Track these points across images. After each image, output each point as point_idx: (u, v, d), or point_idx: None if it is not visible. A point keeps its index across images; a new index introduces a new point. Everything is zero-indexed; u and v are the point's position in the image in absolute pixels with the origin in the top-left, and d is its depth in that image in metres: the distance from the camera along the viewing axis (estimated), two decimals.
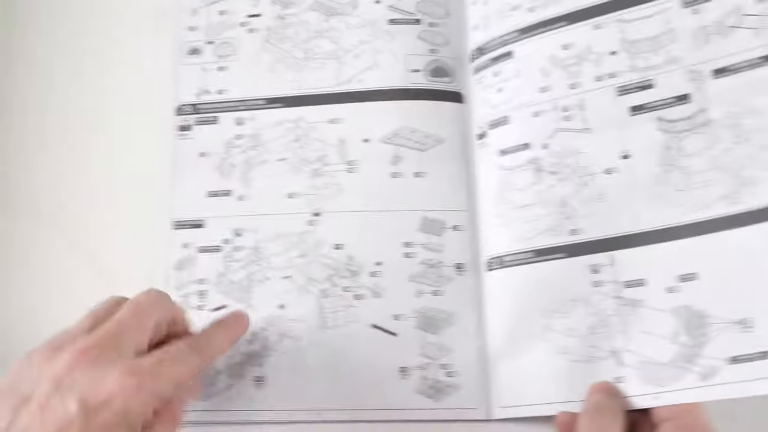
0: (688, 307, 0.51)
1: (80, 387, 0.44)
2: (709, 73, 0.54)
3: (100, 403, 0.44)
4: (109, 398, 0.44)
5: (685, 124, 0.54)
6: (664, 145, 0.54)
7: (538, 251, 0.55)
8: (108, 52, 0.67)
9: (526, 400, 0.53)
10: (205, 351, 0.51)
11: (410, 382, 0.55)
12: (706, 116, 0.54)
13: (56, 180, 0.64)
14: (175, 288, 0.58)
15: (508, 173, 0.57)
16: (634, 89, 0.56)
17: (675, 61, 0.55)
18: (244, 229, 0.59)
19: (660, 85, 0.55)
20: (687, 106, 0.54)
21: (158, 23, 0.66)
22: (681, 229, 0.52)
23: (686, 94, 0.55)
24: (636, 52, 0.57)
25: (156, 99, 0.63)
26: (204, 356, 0.51)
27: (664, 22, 0.56)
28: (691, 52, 0.55)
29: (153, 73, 0.65)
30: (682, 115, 0.54)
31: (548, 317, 0.54)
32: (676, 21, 0.56)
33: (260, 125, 0.61)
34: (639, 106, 0.56)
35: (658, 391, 0.50)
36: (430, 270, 0.57)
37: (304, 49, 0.63)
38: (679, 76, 0.55)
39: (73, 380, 0.44)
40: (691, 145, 0.54)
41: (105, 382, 0.44)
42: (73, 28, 0.68)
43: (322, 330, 0.56)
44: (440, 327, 0.56)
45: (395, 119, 0.60)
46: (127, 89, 0.66)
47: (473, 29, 0.62)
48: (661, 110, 0.55)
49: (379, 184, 0.59)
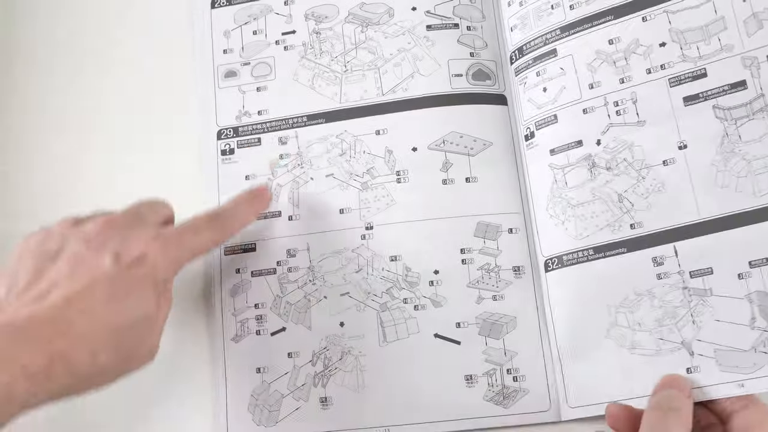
0: (762, 293, 0.51)
1: (112, 245, 0.47)
2: (765, 58, 0.54)
3: (133, 259, 0.47)
4: (141, 255, 0.47)
5: (742, 111, 0.54)
6: (722, 132, 0.54)
7: (596, 248, 0.55)
8: (108, 52, 0.67)
9: (597, 399, 0.53)
10: (225, 225, 0.54)
11: (478, 389, 0.54)
12: (765, 101, 0.54)
13: (56, 180, 0.64)
14: (232, 314, 0.58)
15: (560, 172, 0.57)
16: (686, 79, 0.56)
17: (727, 48, 0.55)
18: (297, 249, 0.58)
19: (713, 74, 0.55)
20: (743, 93, 0.54)
21: (164, 29, 0.66)
22: (746, 215, 0.52)
23: (742, 80, 0.54)
24: (686, 42, 0.56)
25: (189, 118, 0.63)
26: (224, 230, 0.54)
27: (712, 11, 0.56)
28: (743, 39, 0.55)
29: (153, 73, 0.65)
30: (738, 102, 0.54)
31: (613, 313, 0.53)
32: (725, 9, 0.56)
33: (304, 143, 0.61)
34: (693, 95, 0.55)
35: (741, 379, 0.50)
36: (489, 275, 0.56)
37: (343, 63, 0.62)
38: (733, 63, 0.55)
39: (103, 239, 0.47)
40: (750, 131, 0.54)
41: (135, 242, 0.47)
42: (73, 28, 0.68)
43: (384, 344, 0.56)
44: (503, 332, 0.55)
45: (442, 125, 0.60)
46: (127, 89, 0.65)
47: (511, 30, 0.62)
48: (716, 98, 0.55)
49: (430, 192, 0.58)
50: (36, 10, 0.69)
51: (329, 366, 0.56)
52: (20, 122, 0.65)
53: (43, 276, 0.45)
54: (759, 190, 0.52)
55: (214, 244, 0.53)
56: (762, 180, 0.52)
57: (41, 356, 0.41)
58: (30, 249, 0.47)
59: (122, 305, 0.45)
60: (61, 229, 0.48)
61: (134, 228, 0.49)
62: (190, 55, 0.65)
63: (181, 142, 0.58)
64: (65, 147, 0.64)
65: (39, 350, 0.41)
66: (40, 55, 0.67)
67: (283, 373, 0.56)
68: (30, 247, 0.47)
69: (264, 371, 0.56)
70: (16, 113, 0.66)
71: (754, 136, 0.53)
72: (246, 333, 0.57)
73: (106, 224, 0.48)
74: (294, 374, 0.56)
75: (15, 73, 0.67)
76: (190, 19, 0.66)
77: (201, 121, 0.63)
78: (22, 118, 0.66)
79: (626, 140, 0.56)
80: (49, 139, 0.65)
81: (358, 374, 0.55)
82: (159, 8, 0.67)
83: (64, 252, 0.46)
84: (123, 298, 0.45)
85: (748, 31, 0.55)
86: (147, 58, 0.66)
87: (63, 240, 0.47)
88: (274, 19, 0.65)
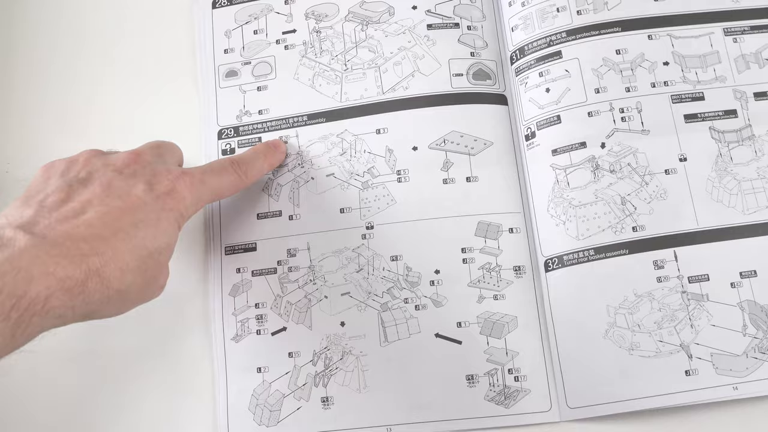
0: (752, 302, 0.53)
1: (143, 176, 0.49)
2: (751, 95, 0.58)
3: (164, 190, 0.49)
4: (171, 189, 0.49)
5: (733, 136, 0.57)
6: (717, 152, 0.57)
7: (597, 249, 0.55)
8: (109, 51, 0.67)
9: (597, 399, 0.53)
10: (246, 171, 0.56)
11: (479, 389, 0.54)
12: (751, 131, 0.57)
13: None
14: (232, 314, 0.58)
15: (562, 172, 0.57)
16: (686, 99, 0.58)
17: (721, 79, 0.59)
18: (298, 248, 0.58)
19: (710, 99, 0.58)
20: (734, 120, 0.58)
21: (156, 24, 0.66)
22: (737, 229, 0.55)
23: (733, 109, 0.58)
24: (687, 66, 0.59)
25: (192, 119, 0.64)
26: (244, 176, 0.56)
27: (708, 44, 0.59)
28: (734, 74, 0.59)
29: (154, 73, 0.65)
30: (730, 127, 0.58)
31: (612, 314, 0.54)
32: (719, 45, 0.59)
33: (305, 142, 0.61)
34: (692, 114, 0.58)
35: (735, 382, 0.52)
36: (489, 274, 0.56)
37: (343, 61, 0.62)
38: (726, 93, 0.58)
39: (134, 170, 0.49)
40: (740, 154, 0.57)
41: (165, 176, 0.50)
42: (73, 27, 0.67)
43: (386, 344, 0.56)
44: (504, 331, 0.55)
45: (442, 125, 0.60)
46: (128, 89, 0.65)
47: (512, 30, 0.62)
48: (711, 121, 0.58)
49: (431, 191, 0.58)
50: (37, 9, 0.68)
51: (330, 366, 0.56)
52: (20, 122, 0.65)
53: (74, 197, 0.46)
54: (747, 208, 0.56)
55: (234, 188, 0.55)
56: (749, 200, 0.56)
57: (78, 270, 0.42)
58: (57, 173, 0.48)
59: (152, 231, 0.46)
60: (86, 158, 0.50)
61: (160, 165, 0.51)
62: (191, 55, 0.65)
63: (182, 141, 0.57)
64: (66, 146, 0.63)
65: (76, 265, 0.42)
66: (40, 54, 0.67)
67: (284, 373, 0.56)
68: (57, 171, 0.49)
69: (265, 371, 0.56)
70: (16, 113, 0.66)
71: (743, 160, 0.57)
72: (246, 333, 0.57)
73: (135, 156, 0.50)
74: (295, 374, 0.56)
75: (15, 72, 0.67)
76: (191, 19, 0.66)
77: (202, 120, 0.63)
78: (22, 118, 0.65)
79: (631, 146, 0.57)
80: (49, 139, 0.65)
81: (360, 374, 0.55)
82: (160, 8, 0.67)
83: (96, 177, 0.48)
84: (153, 224, 0.47)
85: (738, 68, 0.59)
86: (148, 58, 0.66)
87: (91, 167, 0.49)
88: (275, 18, 0.64)
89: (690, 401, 0.52)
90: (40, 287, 0.40)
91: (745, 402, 0.52)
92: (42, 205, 0.45)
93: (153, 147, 0.53)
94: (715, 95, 0.58)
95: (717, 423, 0.53)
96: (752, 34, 0.59)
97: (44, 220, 0.44)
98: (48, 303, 0.40)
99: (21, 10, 0.69)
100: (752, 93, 0.58)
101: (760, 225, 0.55)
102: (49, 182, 0.48)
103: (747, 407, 0.52)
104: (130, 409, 0.57)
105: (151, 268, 0.47)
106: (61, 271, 0.41)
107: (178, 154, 0.55)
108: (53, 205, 0.45)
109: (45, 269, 0.40)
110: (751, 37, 0.59)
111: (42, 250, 0.41)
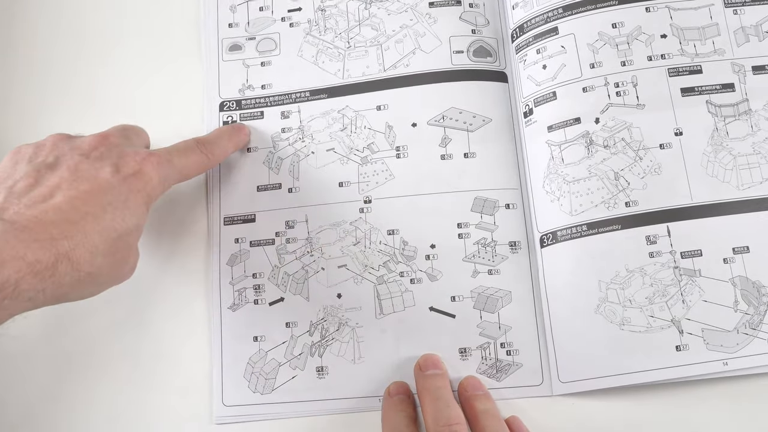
0: (743, 278, 0.53)
1: (110, 158, 0.49)
2: (750, 69, 0.58)
3: (130, 172, 0.49)
4: (137, 170, 0.49)
5: (730, 110, 0.57)
6: (713, 126, 0.57)
7: (590, 224, 0.55)
8: (115, 24, 0.67)
9: (588, 374, 0.53)
10: (212, 150, 0.57)
11: (471, 362, 0.55)
12: (748, 106, 0.57)
13: None
14: (230, 283, 0.58)
15: (557, 148, 0.57)
16: (684, 72, 0.58)
17: (720, 52, 0.58)
18: (296, 220, 0.59)
19: (708, 72, 0.58)
20: (732, 94, 0.57)
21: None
22: (731, 204, 0.55)
23: (731, 83, 0.57)
24: (685, 39, 0.59)
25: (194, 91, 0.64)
26: (211, 155, 0.57)
27: (708, 16, 0.59)
28: (733, 47, 0.58)
29: (158, 44, 0.66)
30: (727, 101, 0.57)
31: (604, 289, 0.54)
32: (719, 17, 0.59)
33: (306, 117, 0.62)
34: (689, 88, 0.58)
35: (725, 357, 0.52)
36: (485, 249, 0.57)
37: (346, 39, 0.63)
38: (724, 66, 0.58)
39: (101, 153, 0.50)
40: (736, 129, 0.57)
41: (131, 158, 0.50)
42: (73, 27, 0.68)
43: (381, 316, 0.57)
44: (498, 306, 0.56)
45: (442, 101, 0.60)
46: (131, 58, 0.66)
47: (513, 8, 0.62)
48: (709, 94, 0.57)
49: (429, 167, 0.59)
50: (36, 10, 0.68)
51: (326, 336, 0.57)
52: (20, 122, 0.65)
53: (42, 182, 0.47)
54: (742, 183, 0.55)
55: (201, 167, 0.56)
56: (744, 175, 0.55)
57: (48, 254, 0.42)
58: (24, 158, 0.49)
59: (120, 213, 0.47)
60: (53, 142, 0.50)
61: (127, 147, 0.51)
62: (195, 28, 0.65)
63: (183, 112, 0.58)
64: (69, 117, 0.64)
65: (45, 249, 0.42)
66: (40, 54, 0.67)
67: (280, 342, 0.57)
68: (24, 156, 0.49)
69: (261, 340, 0.57)
70: (16, 113, 0.66)
71: (739, 135, 0.56)
72: (243, 302, 0.58)
73: (101, 139, 0.51)
74: (291, 344, 0.57)
75: (15, 72, 0.67)
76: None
77: (204, 92, 0.64)
78: (22, 118, 0.65)
79: (625, 120, 0.57)
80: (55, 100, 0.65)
81: (355, 345, 0.56)
82: None
83: (63, 162, 0.48)
84: (122, 206, 0.47)
85: (737, 41, 0.58)
86: (153, 30, 0.66)
87: (58, 152, 0.49)
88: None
89: (680, 376, 0.52)
90: (10, 271, 0.40)
91: (735, 379, 0.52)
92: (11, 191, 0.46)
93: (119, 130, 0.53)
94: (713, 68, 0.58)
95: (707, 398, 0.53)
96: (753, 5, 0.59)
97: (13, 206, 0.44)
98: (18, 286, 0.41)
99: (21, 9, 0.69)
100: (750, 66, 0.58)
101: (755, 201, 0.55)
102: (17, 168, 0.48)
103: (736, 384, 0.53)
104: (126, 375, 0.58)
105: (121, 249, 0.47)
106: (31, 255, 0.41)
107: (144, 137, 0.56)
108: (22, 190, 0.46)
109: (15, 253, 0.41)
110: (752, 8, 0.59)
111: (11, 235, 0.42)
